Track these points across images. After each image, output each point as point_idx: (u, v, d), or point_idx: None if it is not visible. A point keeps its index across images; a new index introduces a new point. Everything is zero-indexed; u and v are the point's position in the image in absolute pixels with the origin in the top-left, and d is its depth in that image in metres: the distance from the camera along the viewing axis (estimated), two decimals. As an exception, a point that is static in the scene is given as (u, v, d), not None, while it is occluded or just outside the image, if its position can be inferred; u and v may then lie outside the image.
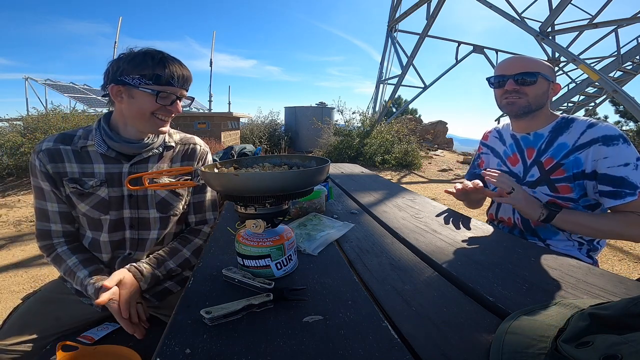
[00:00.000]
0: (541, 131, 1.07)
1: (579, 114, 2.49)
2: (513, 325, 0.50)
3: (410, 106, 13.80)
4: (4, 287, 2.24)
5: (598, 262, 1.11)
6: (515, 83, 1.03)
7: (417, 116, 15.16)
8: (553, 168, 1.01)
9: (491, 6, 6.44)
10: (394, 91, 9.49)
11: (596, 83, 6.23)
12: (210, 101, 10.72)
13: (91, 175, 0.92)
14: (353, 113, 9.06)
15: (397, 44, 9.38)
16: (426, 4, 8.16)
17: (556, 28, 6.81)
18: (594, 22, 6.70)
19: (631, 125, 11.31)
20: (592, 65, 6.36)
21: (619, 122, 11.67)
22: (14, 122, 6.65)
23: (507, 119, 1.20)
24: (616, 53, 6.31)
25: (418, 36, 8.75)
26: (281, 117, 11.30)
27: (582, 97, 9.04)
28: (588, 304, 0.51)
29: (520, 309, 0.55)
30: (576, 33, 7.75)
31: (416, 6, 8.52)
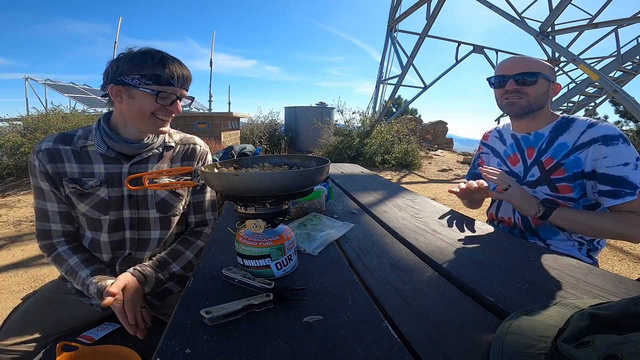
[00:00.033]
0: (541, 131, 1.07)
1: (579, 114, 2.49)
2: (513, 325, 0.50)
3: (410, 106, 13.81)
4: (4, 287, 2.24)
5: (598, 262, 1.11)
6: (515, 83, 1.03)
7: (417, 116, 15.15)
8: (553, 168, 1.01)
9: (491, 6, 6.44)
10: (394, 91, 9.49)
11: (596, 83, 6.23)
12: (210, 101, 10.74)
13: (91, 175, 0.92)
14: (353, 113, 9.08)
15: (397, 44, 9.38)
16: (426, 4, 8.16)
17: (556, 28, 6.81)
18: (594, 22, 6.70)
19: (631, 125, 11.31)
20: (592, 65, 6.36)
21: (619, 122, 11.67)
22: (14, 122, 6.65)
23: (508, 119, 1.20)
24: (616, 53, 6.31)
25: (418, 36, 8.75)
26: (281, 117, 11.31)
27: (582, 97, 9.04)
28: (588, 304, 0.51)
29: (520, 309, 0.55)
30: (576, 33, 7.75)
31: (416, 6, 8.52)
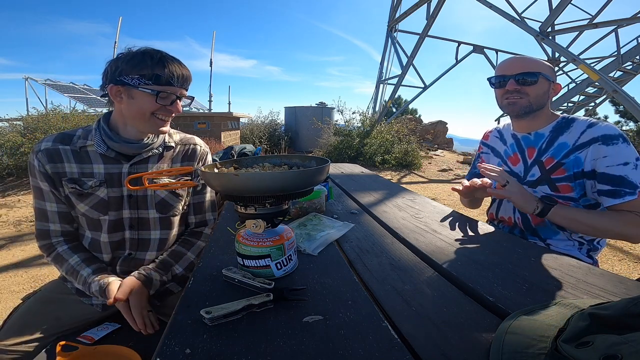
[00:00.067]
0: (542, 131, 1.07)
1: (579, 114, 2.49)
2: (513, 325, 0.50)
3: (410, 106, 13.81)
4: (4, 287, 2.24)
5: (598, 262, 1.11)
6: (516, 83, 1.03)
7: (417, 116, 15.15)
8: (554, 167, 1.01)
9: (491, 6, 6.44)
10: (394, 91, 9.49)
11: (596, 83, 6.23)
12: (210, 101, 10.73)
13: (90, 175, 0.92)
14: (353, 113, 9.08)
15: (397, 44, 9.38)
16: (426, 4, 8.16)
17: (556, 28, 6.81)
18: (594, 22, 6.70)
19: (631, 125, 11.31)
20: (592, 65, 6.36)
21: (619, 122, 11.67)
22: (14, 122, 6.65)
23: (508, 119, 1.20)
24: (616, 53, 6.31)
25: (418, 36, 8.75)
26: (281, 117, 11.30)
27: (582, 97, 9.04)
28: (588, 304, 0.51)
29: (520, 309, 0.55)
30: (576, 33, 7.75)
31: (416, 6, 8.52)
